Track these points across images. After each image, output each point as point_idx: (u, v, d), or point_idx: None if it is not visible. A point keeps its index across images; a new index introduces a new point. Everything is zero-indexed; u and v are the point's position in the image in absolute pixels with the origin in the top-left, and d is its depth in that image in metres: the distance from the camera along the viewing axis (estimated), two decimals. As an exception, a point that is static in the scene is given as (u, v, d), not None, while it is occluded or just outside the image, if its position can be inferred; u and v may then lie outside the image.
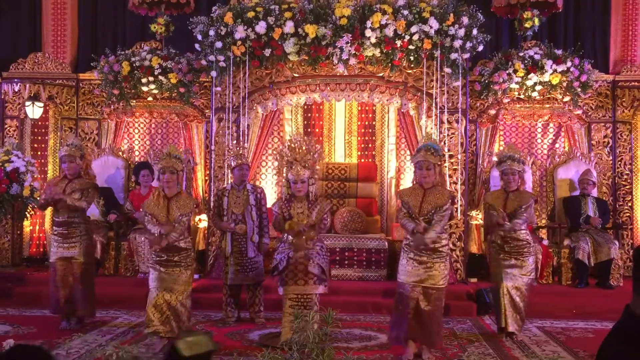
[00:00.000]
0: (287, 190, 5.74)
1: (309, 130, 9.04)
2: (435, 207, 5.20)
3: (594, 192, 8.20)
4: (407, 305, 5.18)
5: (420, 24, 7.40)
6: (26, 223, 8.61)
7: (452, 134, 7.82)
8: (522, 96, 8.25)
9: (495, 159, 7.66)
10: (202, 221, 8.35)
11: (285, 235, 5.68)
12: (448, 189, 5.46)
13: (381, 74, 7.84)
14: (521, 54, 8.09)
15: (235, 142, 7.65)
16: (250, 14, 7.54)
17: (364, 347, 5.58)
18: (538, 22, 8.38)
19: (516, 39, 8.84)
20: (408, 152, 8.58)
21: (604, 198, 8.38)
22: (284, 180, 5.87)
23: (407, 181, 8.99)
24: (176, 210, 5.42)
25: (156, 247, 5.35)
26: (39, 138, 9.01)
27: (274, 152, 8.69)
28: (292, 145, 5.75)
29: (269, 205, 6.82)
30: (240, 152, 6.72)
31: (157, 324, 5.32)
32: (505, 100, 8.26)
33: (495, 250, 6.06)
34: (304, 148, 5.67)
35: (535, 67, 7.95)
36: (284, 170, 5.76)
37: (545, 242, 7.99)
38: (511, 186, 5.97)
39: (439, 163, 5.33)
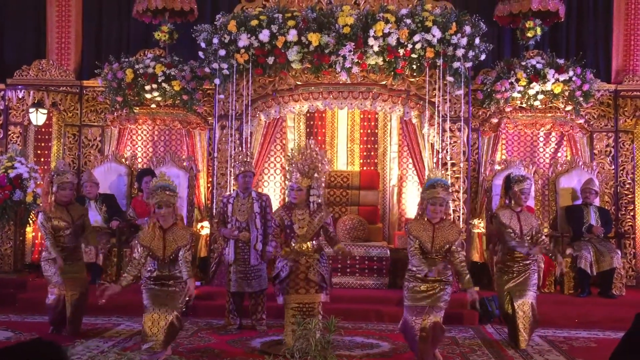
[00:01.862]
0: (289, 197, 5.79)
1: (312, 138, 9.05)
2: (448, 242, 5.23)
3: (596, 201, 8.20)
4: (413, 328, 5.18)
5: (423, 32, 7.43)
6: (29, 229, 8.62)
7: (455, 142, 7.84)
8: (524, 105, 8.27)
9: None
10: (204, 228, 8.37)
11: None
12: (454, 222, 5.57)
13: (384, 82, 7.87)
14: (523, 63, 8.12)
15: (241, 149, 7.64)
16: (254, 22, 7.57)
17: (366, 354, 5.58)
18: (540, 32, 8.42)
19: (518, 48, 8.87)
20: (410, 160, 8.60)
21: (606, 207, 8.39)
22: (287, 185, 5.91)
23: (409, 189, 9.01)
24: (173, 242, 5.34)
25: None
26: (43, 144, 9.03)
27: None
28: (300, 151, 5.77)
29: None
30: (246, 159, 6.70)
31: (154, 339, 5.18)
32: (508, 109, 8.28)
33: (500, 270, 6.11)
34: (311, 156, 5.68)
35: (537, 76, 7.98)
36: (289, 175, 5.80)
37: (548, 251, 7.99)
38: (524, 204, 6.15)
39: (449, 199, 5.48)
